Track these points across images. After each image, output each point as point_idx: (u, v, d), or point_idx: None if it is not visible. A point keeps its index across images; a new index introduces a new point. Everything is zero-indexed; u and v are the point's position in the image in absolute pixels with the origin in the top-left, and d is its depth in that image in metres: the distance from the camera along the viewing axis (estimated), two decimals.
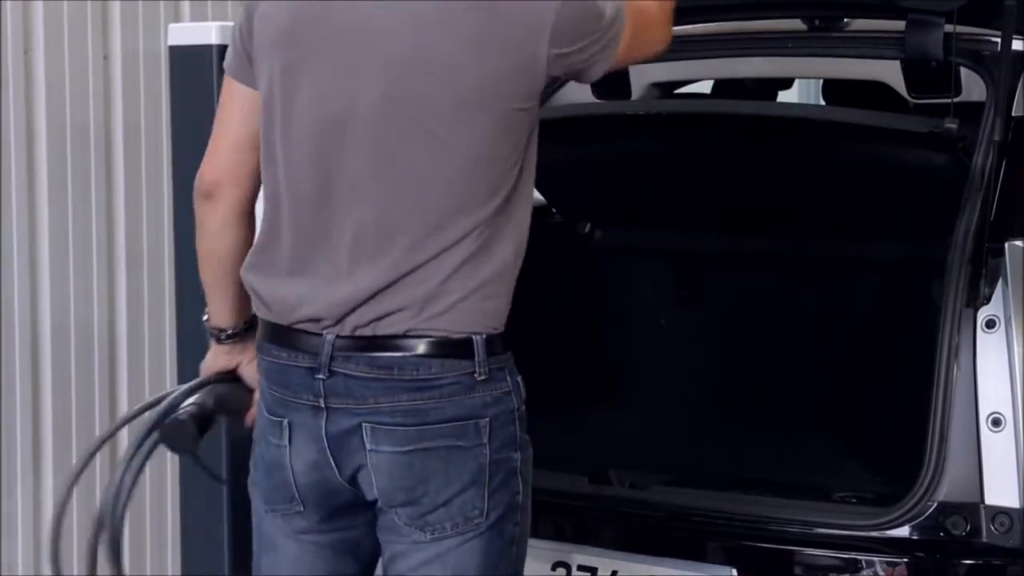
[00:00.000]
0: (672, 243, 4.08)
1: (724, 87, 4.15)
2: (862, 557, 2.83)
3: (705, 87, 4.21)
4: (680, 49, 3.74)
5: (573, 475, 3.14)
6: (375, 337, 2.42)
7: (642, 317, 4.13)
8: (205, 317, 2.74)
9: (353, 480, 2.48)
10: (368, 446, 2.43)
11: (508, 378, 2.48)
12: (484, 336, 2.43)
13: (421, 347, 2.41)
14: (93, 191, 4.36)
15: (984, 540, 2.76)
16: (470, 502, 2.43)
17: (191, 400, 2.71)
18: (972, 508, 2.77)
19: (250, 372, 2.71)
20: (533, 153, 2.50)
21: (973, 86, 3.32)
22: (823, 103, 4.61)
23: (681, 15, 3.50)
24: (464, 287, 2.41)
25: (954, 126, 3.01)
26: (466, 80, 2.37)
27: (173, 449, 2.73)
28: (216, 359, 2.76)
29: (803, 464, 3.37)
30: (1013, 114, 3.05)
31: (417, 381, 2.40)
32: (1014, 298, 2.83)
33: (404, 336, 2.41)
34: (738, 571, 2.90)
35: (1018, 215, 2.99)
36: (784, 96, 4.66)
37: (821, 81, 4.66)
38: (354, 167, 2.42)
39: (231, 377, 2.75)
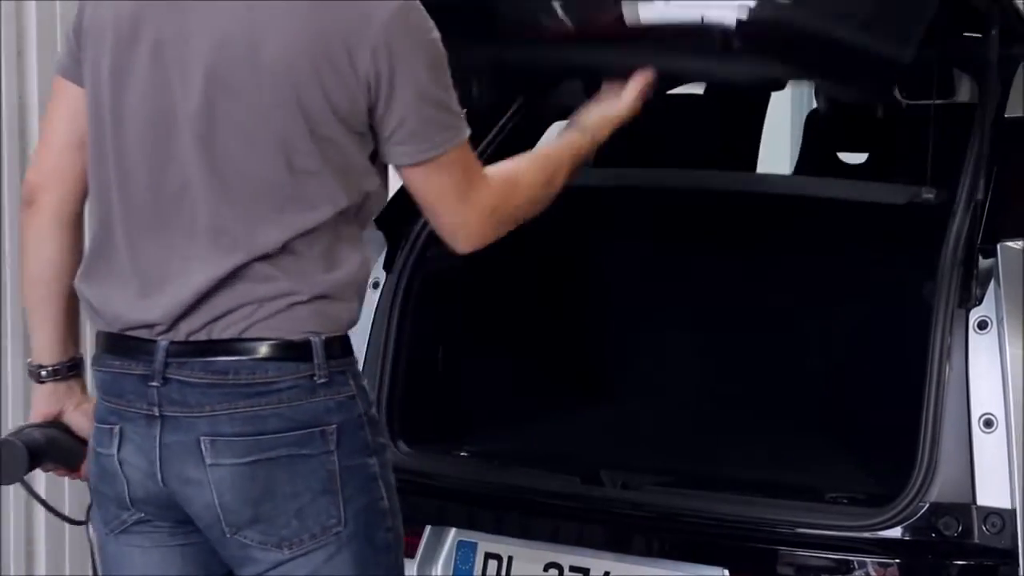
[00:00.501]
0: (662, 248, 4.08)
1: (716, 87, 4.15)
2: (854, 558, 2.82)
3: (698, 85, 4.21)
4: None
5: (565, 476, 3.14)
6: (210, 341, 2.35)
7: (633, 319, 4.14)
8: (30, 358, 2.59)
9: (183, 496, 2.38)
10: (208, 460, 2.34)
11: (351, 382, 2.39)
12: (323, 338, 2.35)
13: (257, 350, 2.33)
14: None
15: (976, 541, 2.76)
16: (325, 511, 2.35)
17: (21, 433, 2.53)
18: (964, 509, 2.77)
19: (77, 419, 2.56)
20: (386, 171, 2.46)
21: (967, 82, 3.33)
22: (815, 104, 4.63)
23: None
24: (304, 290, 2.35)
25: (931, 196, 3.04)
26: (284, 83, 2.31)
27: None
28: (37, 404, 2.57)
29: (795, 465, 3.38)
30: (1007, 115, 3.05)
31: (254, 385, 2.33)
32: (1007, 299, 2.83)
33: (239, 339, 2.34)
34: (730, 571, 2.90)
35: (1010, 216, 2.99)
36: (776, 97, 4.67)
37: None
38: (186, 168, 2.36)
39: (62, 427, 2.56)
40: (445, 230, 2.47)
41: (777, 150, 5.61)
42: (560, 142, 2.66)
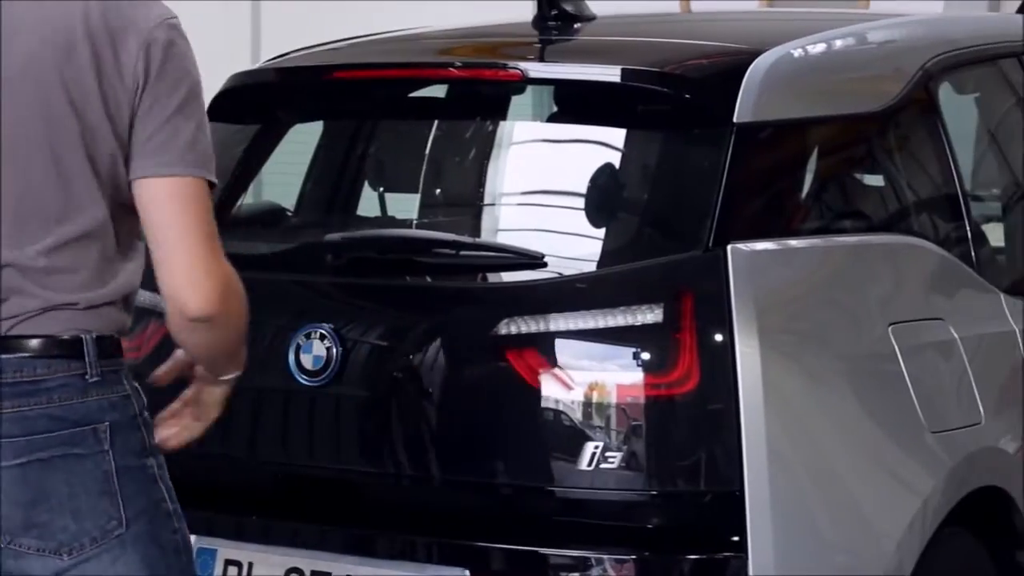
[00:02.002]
0: None
1: None
2: (592, 555, 2.87)
3: None
4: None
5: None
6: None
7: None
8: None
9: None
10: None
11: (125, 382, 2.38)
12: (95, 335, 2.33)
13: (24, 347, 2.30)
14: None
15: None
16: (104, 512, 2.32)
17: None
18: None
19: None
20: None
21: None
22: None
23: None
24: (80, 302, 2.33)
25: None
26: (54, 80, 2.30)
27: None
28: None
29: None
30: (738, 120, 3.12)
31: (22, 384, 2.29)
32: (736, 299, 2.91)
33: (5, 337, 2.31)
34: (471, 571, 2.92)
35: (740, 218, 3.08)
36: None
37: None
38: None
39: None
40: (177, 278, 2.34)
41: None
42: None
